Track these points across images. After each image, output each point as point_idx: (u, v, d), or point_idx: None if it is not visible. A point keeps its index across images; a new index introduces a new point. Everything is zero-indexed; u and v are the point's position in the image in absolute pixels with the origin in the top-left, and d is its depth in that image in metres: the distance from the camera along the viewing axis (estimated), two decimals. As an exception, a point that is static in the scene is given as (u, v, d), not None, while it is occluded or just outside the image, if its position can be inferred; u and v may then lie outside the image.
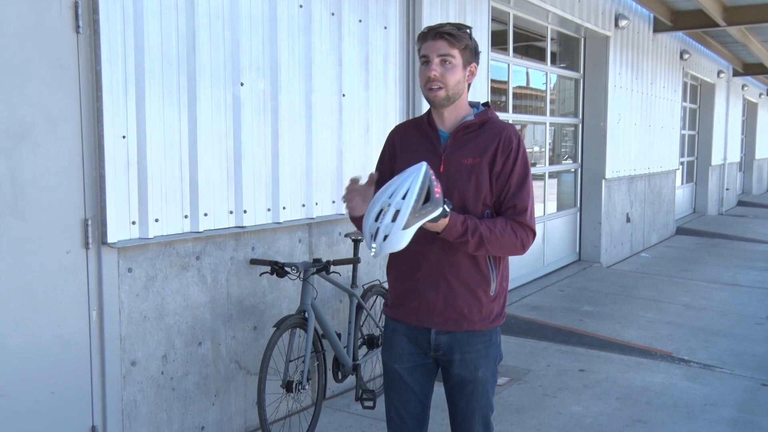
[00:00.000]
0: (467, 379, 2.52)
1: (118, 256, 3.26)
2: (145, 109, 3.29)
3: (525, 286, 7.92)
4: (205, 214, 3.63)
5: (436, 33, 2.40)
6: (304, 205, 4.26)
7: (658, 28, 10.78)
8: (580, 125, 9.40)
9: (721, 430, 4.26)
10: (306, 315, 3.87)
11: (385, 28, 4.87)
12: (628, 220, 10.34)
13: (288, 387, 3.77)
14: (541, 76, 8.53)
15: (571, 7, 7.93)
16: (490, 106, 2.58)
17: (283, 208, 4.10)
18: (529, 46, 8.31)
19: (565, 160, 9.50)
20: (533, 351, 5.73)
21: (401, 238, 2.18)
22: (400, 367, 2.58)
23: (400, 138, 2.62)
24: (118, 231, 3.23)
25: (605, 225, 9.49)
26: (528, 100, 8.42)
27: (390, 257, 2.63)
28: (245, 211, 3.85)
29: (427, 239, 2.42)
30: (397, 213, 2.16)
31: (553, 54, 8.58)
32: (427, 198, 2.18)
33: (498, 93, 7.44)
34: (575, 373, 5.23)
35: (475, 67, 2.48)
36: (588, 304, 7.31)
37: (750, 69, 17.20)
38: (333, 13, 4.40)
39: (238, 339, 3.93)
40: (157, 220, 3.39)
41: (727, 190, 17.54)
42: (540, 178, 8.45)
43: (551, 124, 8.81)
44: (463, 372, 2.51)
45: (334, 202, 4.48)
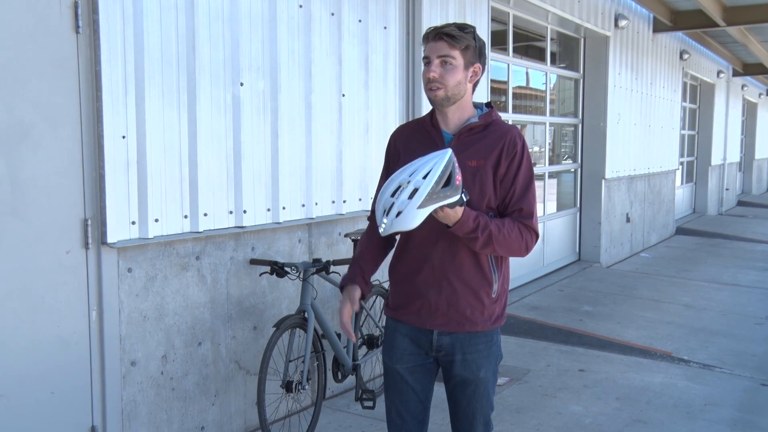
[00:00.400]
0: (469, 379, 2.52)
1: (118, 256, 3.26)
2: (144, 109, 3.29)
3: (525, 286, 7.92)
4: (205, 214, 3.63)
5: (437, 34, 2.40)
6: (303, 205, 4.26)
7: (658, 28, 10.77)
8: (580, 125, 9.40)
9: (721, 430, 4.26)
10: (306, 315, 3.87)
11: (385, 28, 4.87)
12: (628, 220, 10.34)
13: (288, 387, 3.77)
14: (541, 76, 8.53)
15: (570, 7, 7.92)
16: (492, 106, 2.57)
17: (283, 208, 4.10)
18: (528, 46, 8.31)
19: (565, 160, 9.50)
20: (533, 351, 5.73)
21: (414, 217, 2.15)
22: (401, 367, 2.58)
23: (402, 141, 2.60)
24: (118, 231, 3.23)
25: (605, 225, 9.49)
26: (528, 100, 8.42)
27: (393, 257, 2.63)
28: (245, 211, 3.85)
29: (431, 240, 2.42)
30: (415, 191, 2.12)
31: (552, 54, 8.58)
32: (447, 183, 2.15)
33: (498, 93, 7.45)
34: (575, 373, 5.23)
35: (479, 68, 2.46)
36: (588, 304, 7.31)
37: (750, 69, 17.20)
38: (333, 13, 4.40)
39: (238, 339, 3.93)
40: (156, 220, 3.39)
41: (726, 190, 17.54)
42: (540, 178, 8.45)
43: (551, 124, 8.81)
44: (465, 372, 2.51)
45: (333, 202, 4.48)
